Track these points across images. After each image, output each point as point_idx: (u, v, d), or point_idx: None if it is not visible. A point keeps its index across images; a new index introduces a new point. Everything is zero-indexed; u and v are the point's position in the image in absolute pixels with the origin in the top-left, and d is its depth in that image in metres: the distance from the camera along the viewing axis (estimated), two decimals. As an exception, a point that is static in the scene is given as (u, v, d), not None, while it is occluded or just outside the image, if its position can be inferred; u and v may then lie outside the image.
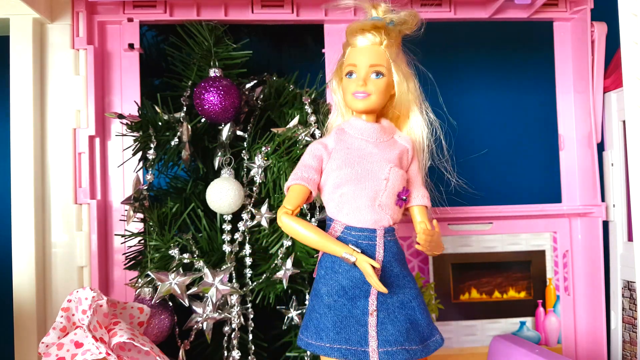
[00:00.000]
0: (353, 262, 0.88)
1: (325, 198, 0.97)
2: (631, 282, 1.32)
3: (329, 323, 0.90)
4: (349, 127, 0.98)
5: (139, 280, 1.13)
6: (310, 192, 0.95)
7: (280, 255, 1.15)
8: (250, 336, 1.16)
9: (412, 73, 0.99)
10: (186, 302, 1.10)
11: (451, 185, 1.06)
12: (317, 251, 1.09)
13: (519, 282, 1.40)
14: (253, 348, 1.16)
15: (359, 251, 0.89)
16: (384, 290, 0.86)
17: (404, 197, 0.95)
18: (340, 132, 0.98)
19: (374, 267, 0.87)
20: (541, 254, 1.41)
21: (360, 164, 0.93)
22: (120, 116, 1.19)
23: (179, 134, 1.16)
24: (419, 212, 0.98)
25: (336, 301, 0.91)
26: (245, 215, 1.17)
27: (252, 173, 1.18)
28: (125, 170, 1.27)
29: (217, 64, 1.20)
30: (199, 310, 1.11)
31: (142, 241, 1.18)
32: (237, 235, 1.16)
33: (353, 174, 0.93)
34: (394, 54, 0.95)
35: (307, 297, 1.19)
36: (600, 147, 1.36)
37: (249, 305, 1.16)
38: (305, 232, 0.91)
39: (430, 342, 0.93)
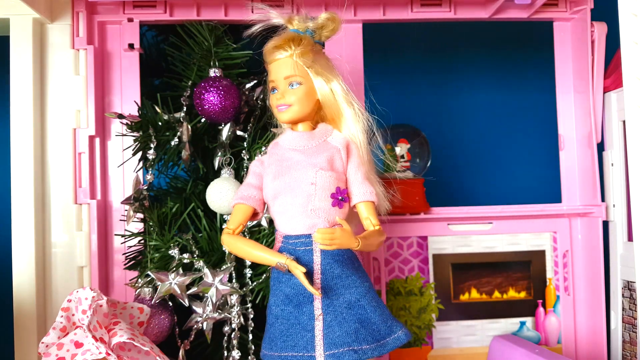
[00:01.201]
0: (287, 270, 0.89)
1: (269, 211, 1.00)
2: (631, 282, 1.32)
3: (277, 332, 0.94)
4: (281, 139, 1.01)
5: (139, 280, 1.13)
6: (254, 210, 0.98)
7: (280, 255, 1.15)
8: (250, 336, 1.16)
9: (337, 74, 1.00)
10: (186, 302, 1.10)
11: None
12: None
13: (519, 282, 1.40)
14: (253, 348, 1.16)
15: (292, 258, 0.90)
16: (314, 292, 0.88)
17: (340, 197, 0.95)
18: (274, 146, 1.02)
19: (308, 271, 0.90)
20: (541, 254, 1.41)
21: (288, 174, 0.96)
22: (120, 116, 1.19)
23: (179, 134, 1.16)
24: (363, 208, 0.97)
25: (283, 310, 0.94)
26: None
27: (252, 173, 1.18)
28: (125, 170, 1.27)
29: (217, 64, 1.20)
30: (199, 310, 1.11)
31: (142, 241, 1.18)
32: (237, 235, 1.16)
33: (283, 184, 0.96)
34: (310, 60, 0.97)
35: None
36: (600, 147, 1.36)
37: (249, 305, 1.16)
38: (241, 247, 0.95)
39: (390, 339, 0.93)
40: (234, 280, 1.15)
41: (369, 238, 0.93)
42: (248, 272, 1.16)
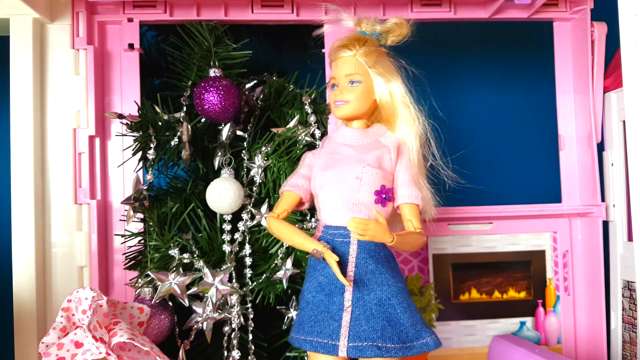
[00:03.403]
0: (322, 257, 0.92)
1: (315, 201, 1.03)
2: (631, 282, 1.32)
3: (305, 317, 0.96)
4: (335, 134, 1.06)
5: (139, 280, 1.13)
6: (301, 198, 1.03)
7: (280, 255, 1.16)
8: (250, 336, 1.16)
9: (398, 77, 1.03)
10: (186, 302, 1.10)
11: (447, 184, 1.07)
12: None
13: (519, 282, 1.40)
14: (253, 348, 1.16)
15: (328, 247, 0.93)
16: (345, 282, 0.90)
17: (384, 196, 0.98)
18: (328, 140, 1.07)
19: (342, 262, 0.93)
20: (541, 254, 1.41)
21: (336, 166, 0.99)
22: (120, 116, 1.19)
23: (179, 134, 1.16)
24: (406, 210, 1.00)
25: (314, 297, 0.96)
26: (245, 215, 1.17)
27: (252, 173, 1.19)
28: (125, 170, 1.27)
29: (217, 64, 1.20)
30: (199, 310, 1.11)
31: (142, 241, 1.18)
32: (237, 235, 1.16)
33: (331, 175, 0.99)
34: (372, 60, 1.01)
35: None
36: (600, 147, 1.36)
37: (249, 305, 1.16)
38: (284, 230, 0.99)
39: (417, 344, 0.93)
40: (234, 280, 1.15)
41: (406, 236, 0.94)
42: (248, 272, 1.16)
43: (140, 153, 1.17)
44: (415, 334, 0.93)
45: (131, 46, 1.26)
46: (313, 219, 1.18)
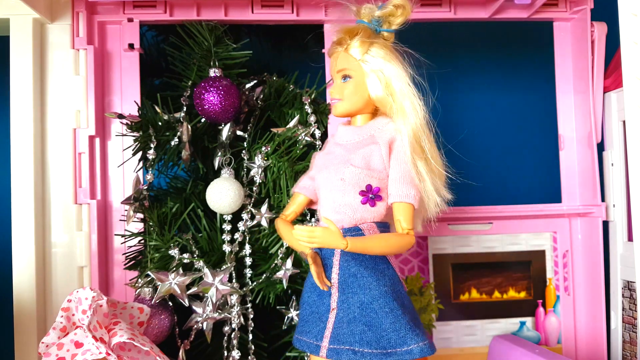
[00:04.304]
0: (307, 258, 0.94)
1: None
2: (631, 282, 1.32)
3: (301, 316, 0.98)
4: (335, 134, 1.03)
5: (139, 280, 1.13)
6: (310, 199, 1.03)
7: (280, 255, 1.16)
8: (250, 336, 1.16)
9: (399, 65, 0.97)
10: (186, 302, 1.10)
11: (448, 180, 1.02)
12: None
13: (519, 282, 1.40)
14: (253, 348, 1.16)
15: (315, 250, 0.95)
16: (319, 284, 0.92)
17: (372, 195, 0.94)
18: (329, 139, 1.05)
19: (327, 265, 0.94)
20: (541, 254, 1.41)
21: (327, 168, 0.98)
22: (120, 116, 1.19)
23: (179, 134, 1.16)
24: (395, 209, 0.94)
25: (309, 297, 0.97)
26: (245, 215, 1.17)
27: (252, 173, 1.18)
28: (125, 170, 1.27)
29: (217, 64, 1.20)
30: (199, 310, 1.11)
31: (142, 241, 1.18)
32: (237, 235, 1.16)
33: (323, 177, 0.98)
34: (363, 52, 0.96)
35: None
36: (600, 147, 1.36)
37: (249, 305, 1.16)
38: (283, 233, 1.02)
39: (400, 351, 0.88)
40: (234, 280, 1.15)
41: (369, 241, 0.91)
42: (248, 272, 1.16)
43: (140, 153, 1.17)
44: (398, 340, 0.88)
45: (131, 46, 1.26)
46: (313, 219, 1.17)
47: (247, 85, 1.25)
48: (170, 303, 1.13)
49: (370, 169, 0.94)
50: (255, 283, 1.15)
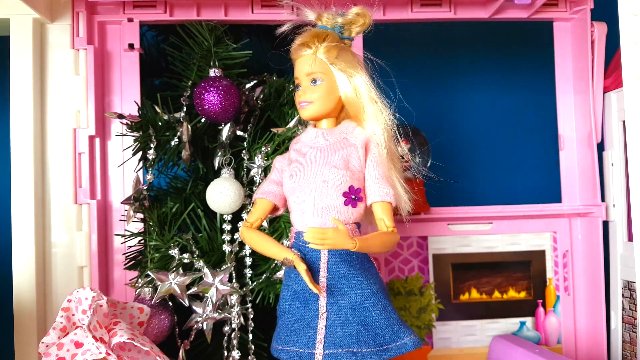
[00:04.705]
0: (293, 265, 0.91)
1: (288, 206, 1.00)
2: (631, 282, 1.32)
3: (282, 326, 0.95)
4: (303, 136, 1.02)
5: (139, 280, 1.13)
6: (274, 205, 1.00)
7: (280, 255, 1.15)
8: (250, 336, 1.16)
9: (362, 71, 0.98)
10: (186, 302, 1.10)
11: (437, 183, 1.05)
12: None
13: (519, 282, 1.40)
14: (253, 348, 1.16)
15: (298, 254, 0.92)
16: (314, 290, 0.88)
17: (354, 197, 0.94)
18: (296, 142, 1.03)
19: (314, 268, 0.92)
20: (541, 254, 1.41)
21: (303, 171, 0.96)
22: (120, 116, 1.19)
23: (179, 134, 1.16)
24: (378, 208, 0.95)
25: (290, 305, 0.95)
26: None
27: (252, 173, 1.18)
28: (125, 170, 1.27)
29: (217, 64, 1.20)
30: (199, 310, 1.11)
31: (142, 241, 1.18)
32: (237, 235, 1.16)
33: (298, 181, 0.96)
34: (333, 56, 0.97)
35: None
36: (600, 147, 1.36)
37: (249, 305, 1.16)
38: (256, 240, 0.97)
39: (395, 345, 0.90)
40: (234, 280, 1.15)
41: (371, 240, 0.91)
42: (248, 272, 1.16)
43: (140, 153, 1.17)
44: (393, 335, 0.90)
45: (131, 46, 1.26)
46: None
47: (247, 85, 1.25)
48: (170, 303, 1.13)
49: (350, 171, 0.95)
50: (255, 283, 1.15)
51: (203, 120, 1.19)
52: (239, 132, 1.22)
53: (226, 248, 1.15)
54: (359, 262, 0.94)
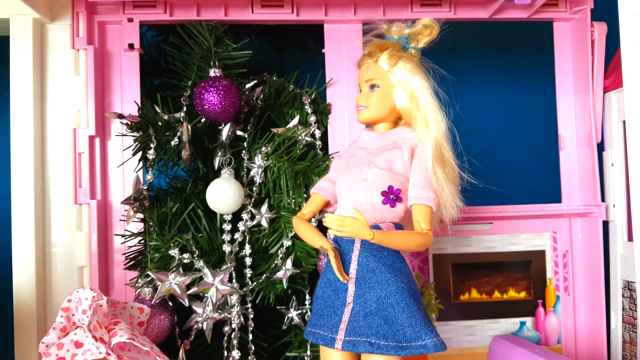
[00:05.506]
0: (327, 253, 0.98)
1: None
2: (631, 282, 1.32)
3: (314, 310, 1.02)
4: (359, 138, 1.09)
5: (139, 280, 1.13)
6: (327, 200, 1.08)
7: (280, 255, 1.16)
8: (250, 336, 1.16)
9: (423, 80, 1.04)
10: (186, 302, 1.10)
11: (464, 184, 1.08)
12: (317, 251, 1.15)
13: (519, 282, 1.40)
14: (253, 348, 1.16)
15: (333, 246, 0.99)
16: (341, 278, 0.95)
17: (393, 196, 0.99)
18: (351, 143, 1.11)
19: (346, 260, 0.98)
20: (541, 254, 1.41)
21: (350, 169, 1.03)
22: (120, 116, 1.19)
23: (179, 134, 1.16)
24: (415, 210, 1.00)
25: (324, 292, 1.00)
26: (245, 215, 1.17)
27: (252, 173, 1.19)
28: (125, 170, 1.27)
29: (217, 64, 1.20)
30: (199, 310, 1.11)
31: (142, 241, 1.18)
32: (237, 235, 1.16)
33: (345, 178, 1.02)
34: (392, 65, 1.03)
35: (307, 297, 1.20)
36: (600, 147, 1.36)
37: (249, 305, 1.16)
38: (301, 228, 1.05)
39: (414, 345, 0.92)
40: (234, 280, 1.15)
41: (395, 235, 0.96)
42: (248, 272, 1.16)
43: (140, 153, 1.17)
44: (414, 334, 0.92)
45: (131, 46, 1.26)
46: (313, 219, 1.17)
47: (247, 85, 1.25)
48: (170, 303, 1.13)
49: (392, 172, 1.00)
50: (255, 283, 1.15)
51: (203, 120, 1.20)
52: (239, 132, 1.22)
53: (226, 248, 1.15)
54: (389, 259, 0.98)
